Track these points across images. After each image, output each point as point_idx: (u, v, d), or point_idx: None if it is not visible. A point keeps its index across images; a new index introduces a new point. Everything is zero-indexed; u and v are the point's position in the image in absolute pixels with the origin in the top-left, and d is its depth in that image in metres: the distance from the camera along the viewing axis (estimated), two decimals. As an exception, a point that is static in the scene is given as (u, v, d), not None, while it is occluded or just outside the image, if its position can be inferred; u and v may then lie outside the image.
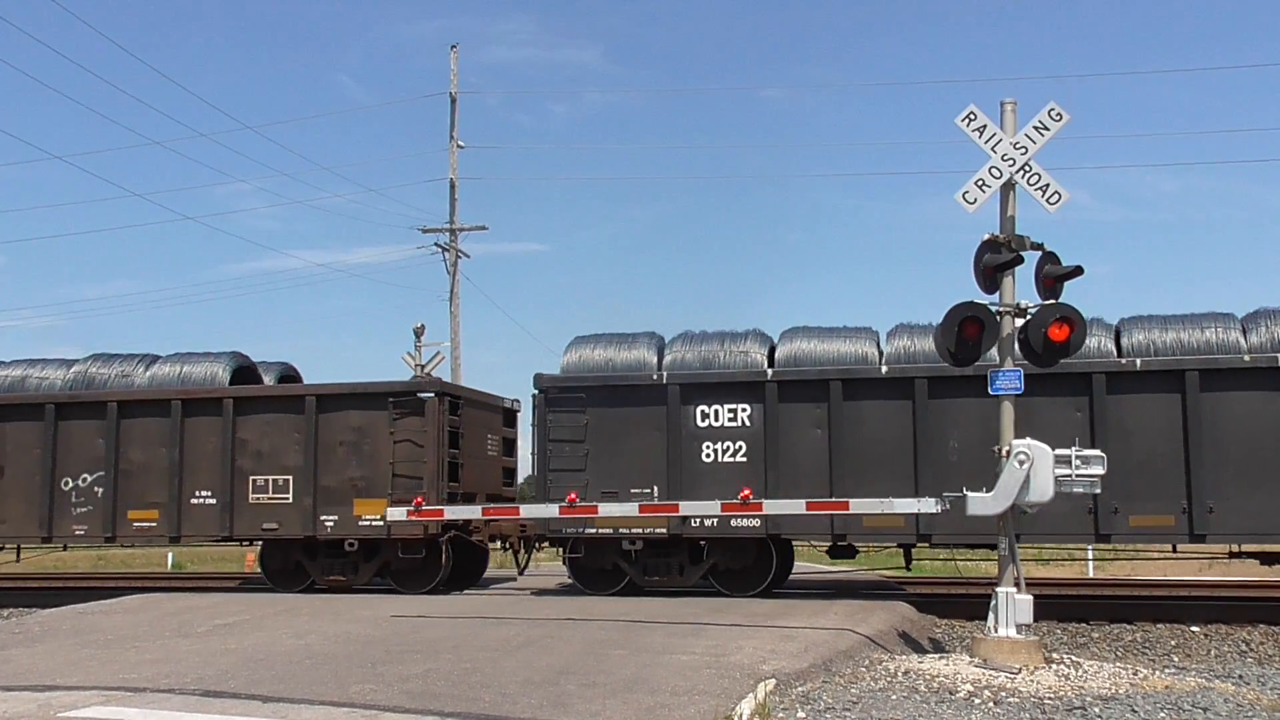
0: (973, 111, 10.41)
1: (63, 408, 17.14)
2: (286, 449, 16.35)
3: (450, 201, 35.55)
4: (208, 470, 16.52)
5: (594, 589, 15.44)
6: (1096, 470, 9.88)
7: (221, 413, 16.56)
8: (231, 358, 17.75)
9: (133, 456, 16.85)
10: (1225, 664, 11.87)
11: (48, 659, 10.16)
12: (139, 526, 16.84)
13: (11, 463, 17.24)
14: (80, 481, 16.99)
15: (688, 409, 15.07)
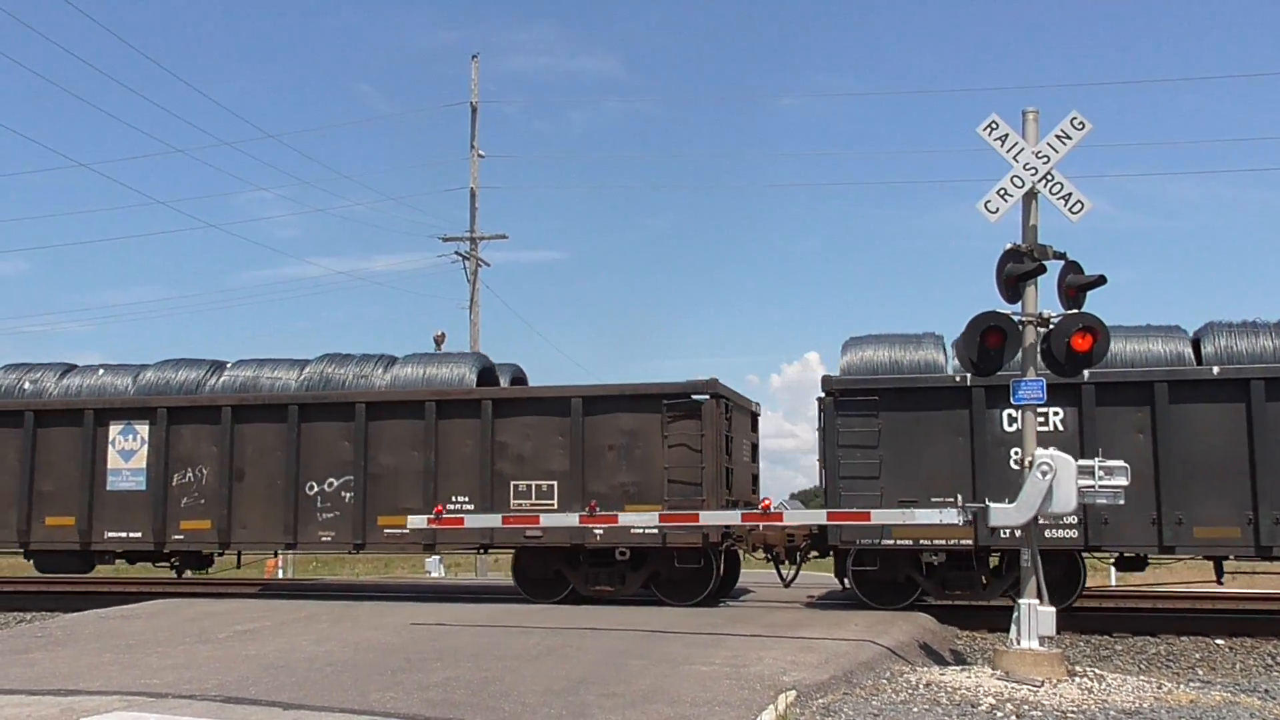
0: (994, 121, 10.38)
1: (306, 409, 16.50)
2: (550, 453, 15.63)
3: (470, 210, 35.67)
4: (464, 475, 15.80)
5: (881, 603, 14.61)
6: (1120, 481, 9.81)
7: (479, 415, 15.84)
8: (477, 359, 17.27)
9: (382, 460, 16.20)
10: (1250, 678, 11.75)
11: (70, 663, 10.21)
12: (390, 533, 16.00)
13: (252, 466, 16.61)
14: (326, 486, 16.31)
15: (994, 412, 14.29)
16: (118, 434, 17.14)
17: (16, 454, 17.29)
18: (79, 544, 17.06)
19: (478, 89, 35.76)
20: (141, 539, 16.88)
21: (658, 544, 15.05)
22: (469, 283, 35.64)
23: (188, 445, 16.88)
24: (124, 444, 17.12)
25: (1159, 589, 17.47)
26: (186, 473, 16.85)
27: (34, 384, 18.15)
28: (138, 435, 17.06)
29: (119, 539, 16.99)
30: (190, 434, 16.88)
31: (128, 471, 17.06)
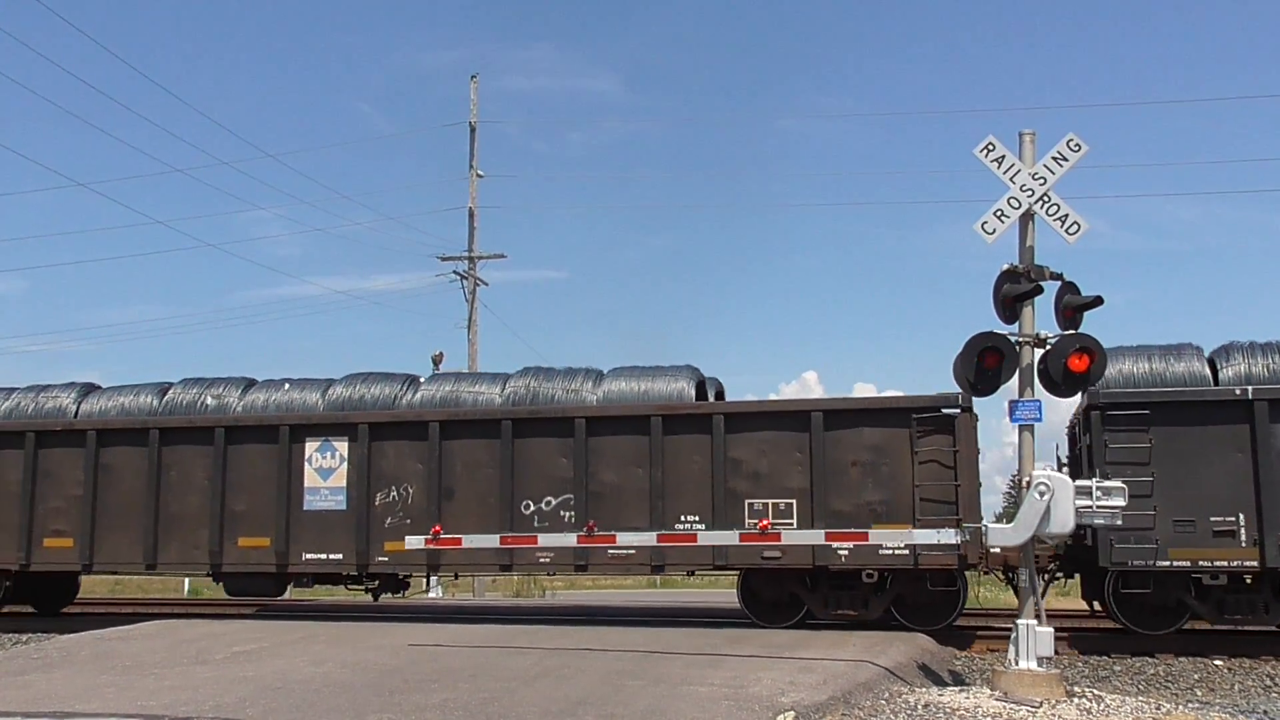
0: (991, 142, 10.45)
1: (519, 424, 15.70)
2: (788, 470, 14.84)
3: (469, 229, 35.77)
4: (693, 492, 15.05)
5: (1146, 627, 14.17)
6: (1117, 502, 9.83)
7: (710, 430, 15.09)
8: (692, 372, 16.42)
9: (604, 477, 15.40)
10: (1249, 699, 11.73)
11: (66, 685, 10.18)
12: (614, 554, 15.19)
13: (462, 484, 15.83)
14: (544, 505, 15.53)
15: (1277, 427, 13.60)
16: (315, 451, 16.31)
17: (205, 472, 16.52)
18: (275, 566, 16.27)
19: (477, 109, 35.94)
20: (343, 561, 16.05)
21: (909, 565, 14.30)
22: (467, 302, 35.72)
23: (391, 463, 16.04)
24: (322, 461, 16.28)
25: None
26: (390, 491, 16.01)
27: (217, 399, 17.41)
28: (336, 452, 16.23)
29: (318, 561, 16.16)
30: (394, 451, 16.05)
31: (326, 490, 16.23)
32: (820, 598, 14.98)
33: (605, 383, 16.34)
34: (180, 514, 16.59)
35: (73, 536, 16.83)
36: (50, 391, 18.16)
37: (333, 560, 16.08)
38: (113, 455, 16.87)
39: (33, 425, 17.33)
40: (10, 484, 17.11)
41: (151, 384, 18.03)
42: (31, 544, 16.95)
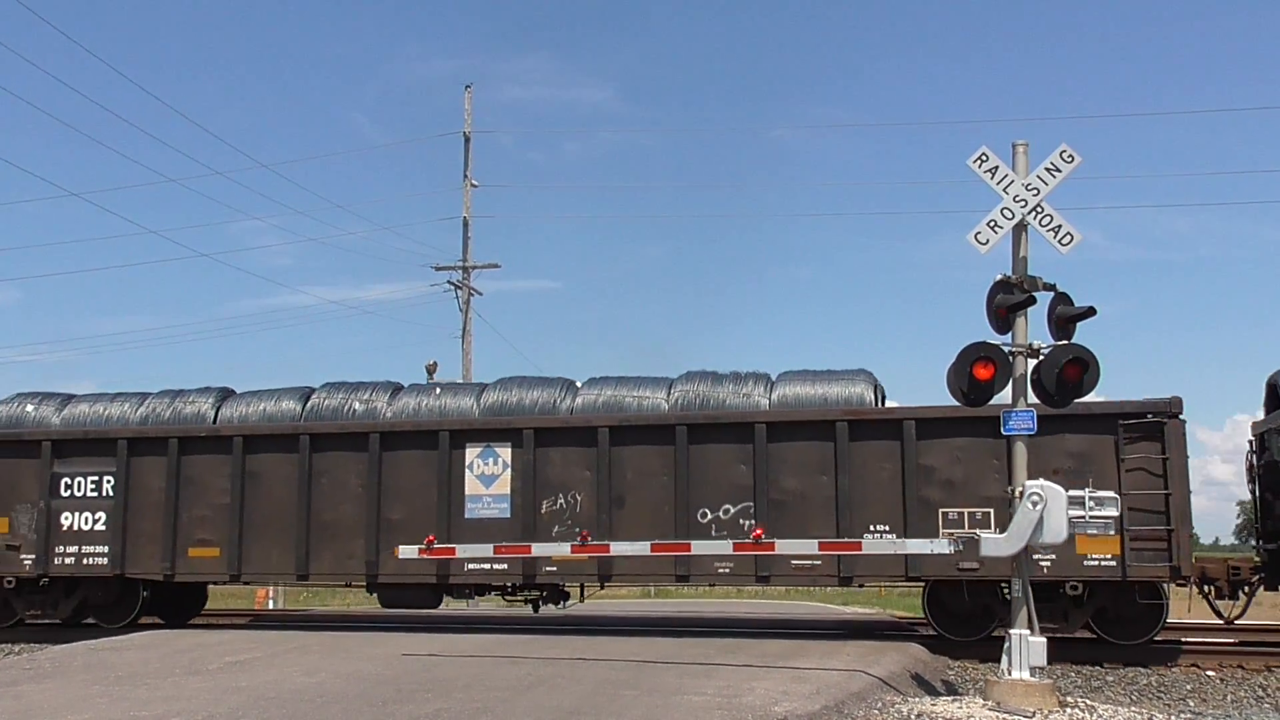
0: (984, 153, 10.49)
1: (694, 430, 15.13)
2: (984, 478, 14.32)
3: (463, 239, 35.85)
4: (882, 501, 14.49)
5: None
6: (1110, 512, 9.85)
7: (899, 436, 14.58)
8: (867, 376, 15.88)
9: (786, 485, 14.83)
10: (1242, 709, 11.74)
11: (58, 696, 10.15)
12: (798, 565, 14.61)
13: (633, 492, 15.25)
14: (721, 513, 14.93)
15: None
16: (476, 457, 15.75)
17: (359, 479, 16.03)
18: (435, 577, 15.77)
19: (471, 119, 36.02)
20: (508, 571, 15.51)
21: (1116, 577, 13.91)
22: (461, 312, 35.77)
23: (557, 469, 15.51)
24: (484, 468, 15.74)
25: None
26: (557, 499, 15.46)
27: (365, 404, 16.85)
28: (499, 459, 15.69)
29: (481, 571, 15.59)
30: (559, 457, 15.52)
31: (489, 498, 15.70)
32: None
33: (779, 387, 15.76)
34: (334, 523, 16.07)
35: (219, 546, 16.39)
36: (186, 396, 17.63)
37: (497, 570, 15.56)
38: (260, 462, 16.47)
39: (175, 431, 16.86)
40: (152, 491, 16.68)
41: (291, 388, 17.53)
42: (176, 553, 16.52)
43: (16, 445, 17.27)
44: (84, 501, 16.87)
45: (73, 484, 16.97)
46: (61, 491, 16.95)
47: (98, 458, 16.92)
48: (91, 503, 16.84)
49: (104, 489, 16.81)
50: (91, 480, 16.90)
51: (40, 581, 17.17)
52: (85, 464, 16.95)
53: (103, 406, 17.79)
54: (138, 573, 16.74)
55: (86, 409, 17.82)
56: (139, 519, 16.66)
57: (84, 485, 16.93)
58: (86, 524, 16.82)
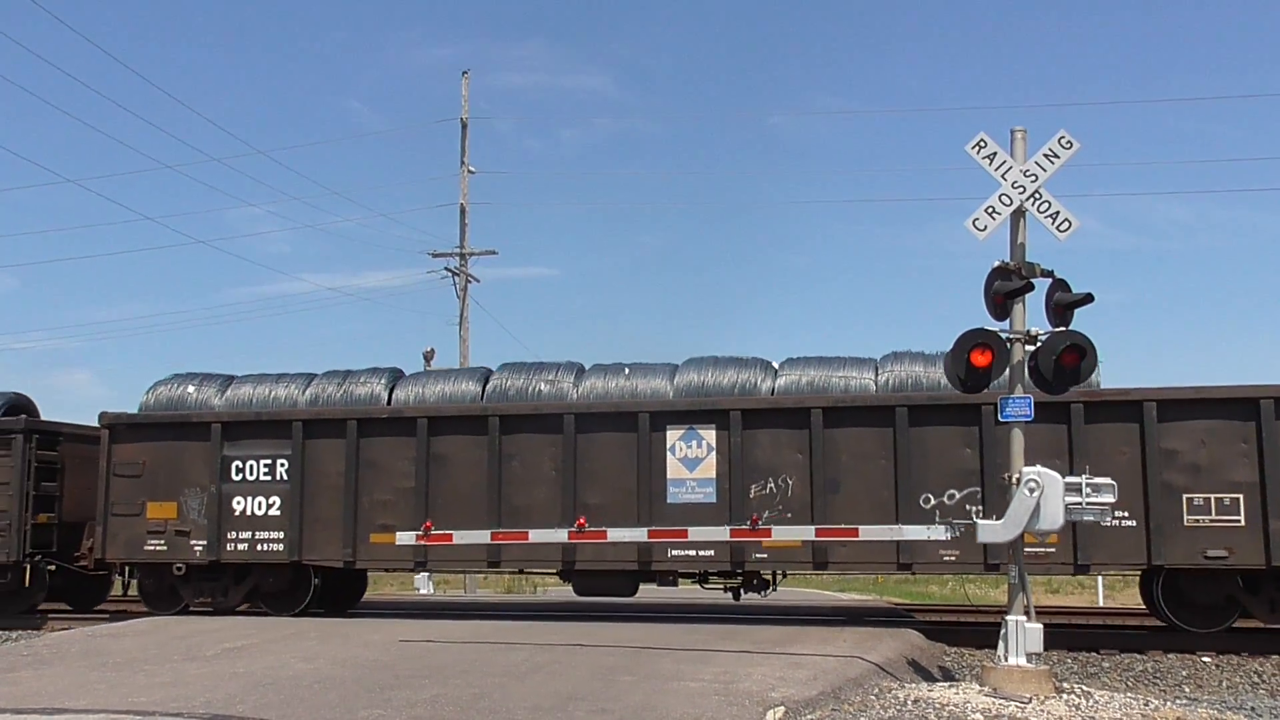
0: (983, 139, 10.46)
1: (916, 412, 14.52)
2: (1232, 462, 13.88)
3: (460, 226, 35.72)
4: (1121, 486, 13.58)
5: None
6: (1107, 498, 9.86)
7: (1140, 419, 14.07)
8: None
9: None
10: (1237, 695, 11.80)
11: (56, 681, 10.16)
12: (1033, 551, 13.75)
13: (849, 476, 14.64)
14: (946, 499, 14.32)
15: None
16: (678, 440, 15.11)
17: (552, 463, 15.45)
18: (636, 563, 15.13)
19: (468, 105, 35.86)
20: (714, 558, 14.92)
21: None
22: (458, 299, 35.67)
23: (766, 453, 14.84)
24: (686, 451, 15.10)
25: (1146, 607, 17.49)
26: (767, 483, 14.83)
27: (550, 384, 16.30)
28: (703, 441, 15.05)
29: (686, 558, 14.99)
30: (768, 440, 14.83)
31: (693, 482, 15.05)
32: (1266, 601, 14.16)
33: None
34: (525, 507, 15.39)
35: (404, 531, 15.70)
36: (356, 378, 17.08)
37: (703, 558, 14.97)
38: (445, 444, 15.80)
39: (355, 413, 16.18)
40: (330, 475, 16.03)
41: (467, 369, 17.06)
42: (356, 540, 15.85)
43: (184, 427, 16.64)
44: (257, 485, 16.28)
45: (244, 467, 16.37)
46: (233, 475, 16.35)
47: (271, 440, 16.31)
48: (265, 487, 16.26)
49: (278, 473, 16.23)
50: (265, 463, 16.31)
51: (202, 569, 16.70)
52: (257, 447, 16.35)
53: (267, 388, 17.23)
54: (315, 560, 16.11)
55: (251, 390, 17.25)
56: (316, 504, 16.05)
57: (256, 469, 16.33)
58: (260, 509, 16.23)
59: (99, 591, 19.21)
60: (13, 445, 17.10)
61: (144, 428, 16.76)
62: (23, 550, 16.96)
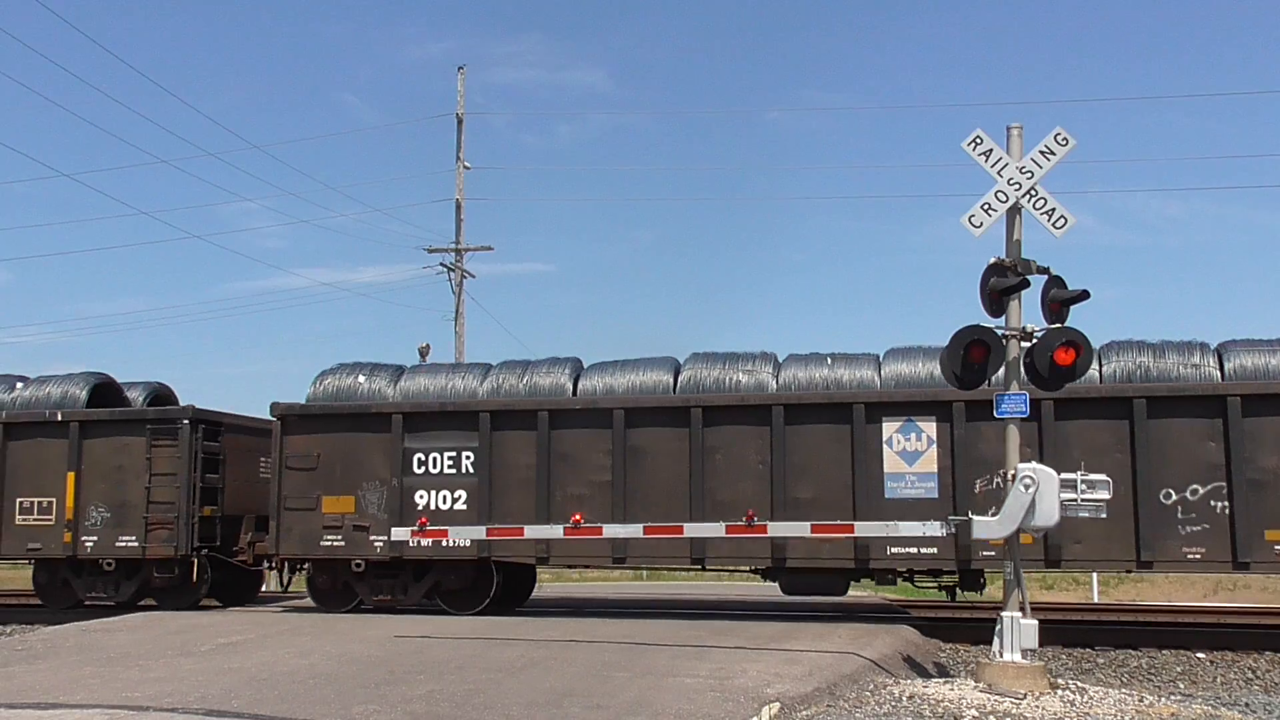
0: (979, 136, 10.46)
1: (1154, 403, 13.89)
2: None
3: (456, 221, 35.67)
4: None
5: None
6: (1102, 495, 9.87)
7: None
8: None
9: (1263, 463, 13.61)
10: (1231, 691, 11.80)
11: (51, 676, 10.15)
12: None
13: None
14: (1189, 494, 13.76)
15: None
16: (895, 433, 14.50)
17: (759, 456, 14.74)
18: (853, 561, 14.44)
19: (464, 100, 35.81)
20: (938, 555, 14.28)
21: None
22: (454, 294, 35.65)
23: (991, 446, 14.00)
24: (904, 444, 14.50)
25: (1140, 603, 17.57)
26: (992, 478, 14.15)
27: (749, 375, 15.47)
28: (923, 434, 14.44)
29: (906, 556, 14.35)
30: (994, 433, 13.82)
31: (912, 476, 14.43)
32: None
33: (1232, 357, 14.37)
34: (730, 502, 14.55)
35: (600, 527, 14.46)
36: (538, 368, 16.35)
37: (925, 555, 14.32)
38: (642, 436, 15.11)
39: (546, 404, 15.50)
40: (519, 468, 15.40)
41: (656, 359, 16.24)
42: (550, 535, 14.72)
43: (362, 418, 15.97)
44: (441, 479, 15.59)
45: (427, 460, 15.64)
46: (415, 468, 15.65)
47: (456, 432, 15.61)
48: (450, 480, 15.56)
49: (463, 465, 15.54)
50: (449, 456, 15.59)
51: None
52: (441, 439, 15.64)
53: (444, 378, 16.49)
54: (505, 556, 15.42)
55: (427, 381, 16.46)
56: (505, 497, 15.36)
57: (440, 461, 15.61)
58: (445, 503, 15.54)
59: (251, 587, 18.79)
60: (179, 435, 16.63)
61: (318, 419, 16.12)
62: (191, 544, 16.47)
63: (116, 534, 16.68)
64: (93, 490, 16.83)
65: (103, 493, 16.80)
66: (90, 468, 16.87)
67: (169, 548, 16.48)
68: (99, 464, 16.86)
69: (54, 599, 17.40)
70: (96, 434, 16.98)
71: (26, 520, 17.04)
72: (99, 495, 16.80)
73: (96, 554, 16.80)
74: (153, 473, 16.63)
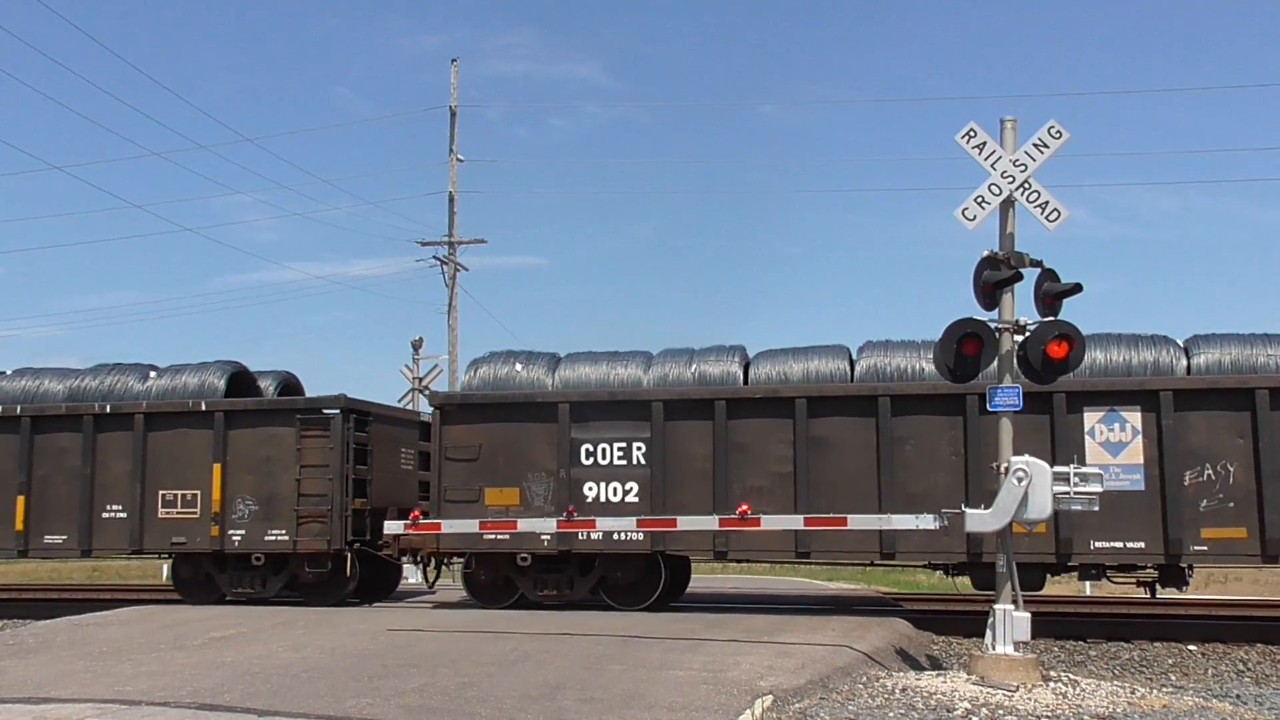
0: (973, 129, 10.45)
1: None
2: None
3: (449, 214, 35.64)
4: None
5: None
6: (1095, 488, 9.88)
7: None
8: None
9: None
10: (1223, 683, 11.85)
11: (42, 671, 10.12)
12: None
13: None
14: None
15: None
16: (1098, 423, 14.00)
17: (952, 447, 14.28)
18: (1054, 556, 13.94)
19: (457, 93, 35.76)
20: (1145, 550, 13.73)
21: None
22: (447, 287, 35.62)
23: (1201, 436, 13.68)
24: (1107, 434, 14.01)
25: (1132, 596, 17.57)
26: (1204, 470, 13.72)
27: (931, 363, 14.44)
28: (1127, 424, 13.96)
29: (1111, 550, 13.83)
30: (1203, 423, 13.67)
31: (1116, 468, 13.79)
32: None
33: None
34: (923, 494, 14.10)
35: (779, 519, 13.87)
36: (706, 356, 15.80)
37: (1131, 549, 13.77)
38: (825, 426, 14.55)
39: (723, 393, 14.99)
40: (695, 459, 14.82)
41: (827, 346, 15.66)
42: (730, 528, 13.95)
43: (525, 408, 15.41)
44: (611, 470, 15.07)
45: (595, 450, 15.13)
46: (583, 459, 15.14)
47: (626, 421, 15.05)
48: (620, 471, 15.04)
49: (634, 456, 15.00)
50: (619, 446, 15.07)
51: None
52: (610, 429, 15.12)
53: (605, 367, 15.94)
54: (679, 549, 15.02)
55: (588, 370, 15.95)
56: (679, 490, 14.76)
57: (610, 452, 15.11)
58: (615, 495, 15.03)
59: (388, 583, 18.21)
60: (331, 426, 16.03)
61: (479, 408, 15.55)
62: (344, 537, 15.89)
63: (265, 527, 16.13)
64: (239, 482, 16.28)
65: (250, 485, 16.25)
66: (235, 459, 16.33)
67: (321, 541, 15.88)
68: (245, 455, 16.31)
69: (195, 594, 16.73)
70: (242, 424, 16.42)
71: (170, 513, 16.41)
72: (246, 487, 16.25)
73: (244, 548, 16.20)
74: (303, 464, 16.04)
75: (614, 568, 15.25)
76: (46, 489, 16.89)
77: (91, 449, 16.72)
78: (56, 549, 17.01)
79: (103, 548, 16.85)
